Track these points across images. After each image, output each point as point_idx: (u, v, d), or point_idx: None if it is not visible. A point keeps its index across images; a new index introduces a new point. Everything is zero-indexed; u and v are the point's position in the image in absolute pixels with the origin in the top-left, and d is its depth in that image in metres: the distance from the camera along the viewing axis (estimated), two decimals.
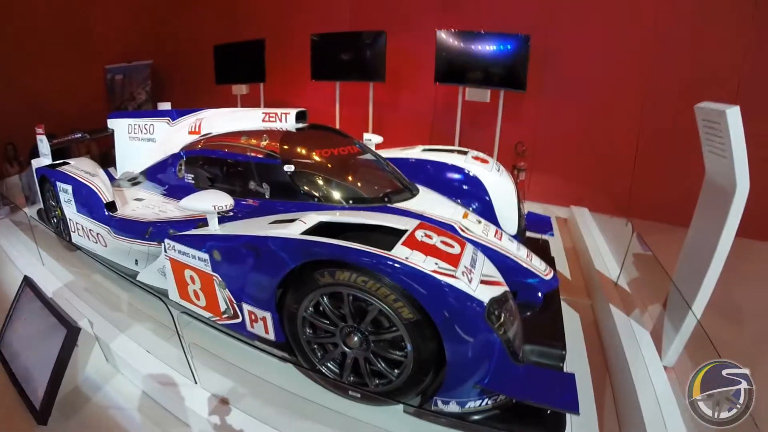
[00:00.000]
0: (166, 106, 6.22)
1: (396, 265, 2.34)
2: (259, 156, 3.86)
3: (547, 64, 6.45)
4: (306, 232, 2.77)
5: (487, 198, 4.07)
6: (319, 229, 2.85)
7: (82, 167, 5.02)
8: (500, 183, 4.16)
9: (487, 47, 6.21)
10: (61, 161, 5.45)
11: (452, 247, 2.61)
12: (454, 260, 2.46)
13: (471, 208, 3.96)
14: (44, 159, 5.88)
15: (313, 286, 2.65)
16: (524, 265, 3.34)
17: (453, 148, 4.63)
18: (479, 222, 3.62)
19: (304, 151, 3.85)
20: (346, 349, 2.76)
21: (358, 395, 2.77)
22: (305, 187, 3.62)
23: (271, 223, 3.05)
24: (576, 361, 3.28)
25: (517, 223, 4.05)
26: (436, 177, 4.24)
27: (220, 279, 3.05)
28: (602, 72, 6.30)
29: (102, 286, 4.50)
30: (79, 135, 6.33)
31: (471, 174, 4.18)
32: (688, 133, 3.57)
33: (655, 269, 3.57)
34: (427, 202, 3.73)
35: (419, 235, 2.66)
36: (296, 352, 2.95)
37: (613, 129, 6.39)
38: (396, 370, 2.62)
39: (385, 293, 2.41)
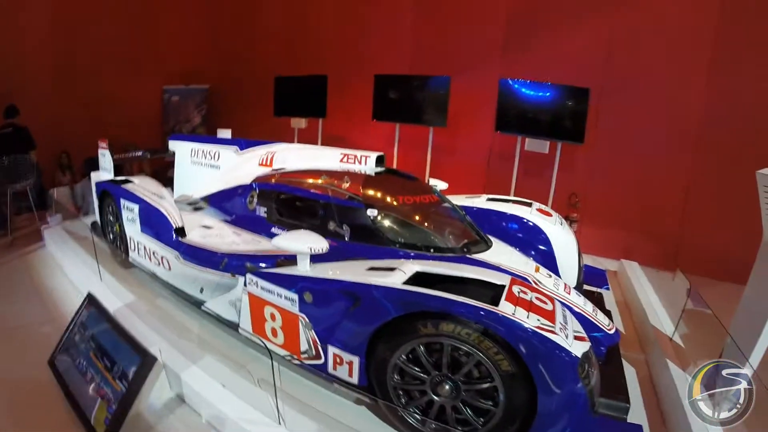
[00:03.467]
0: (226, 133, 6.28)
1: (506, 320, 2.41)
2: (342, 198, 3.90)
3: (600, 115, 6.47)
4: (406, 282, 2.81)
5: (551, 251, 4.11)
6: (416, 278, 2.89)
7: (148, 188, 5.08)
8: (563, 236, 4.21)
9: (547, 98, 6.24)
10: (123, 178, 5.52)
11: (545, 303, 2.71)
12: (550, 317, 2.56)
13: (530, 258, 4.00)
14: (104, 173, 5.95)
15: (413, 336, 2.67)
16: (591, 319, 3.38)
17: (517, 199, 4.68)
18: (549, 276, 3.67)
19: (386, 197, 3.88)
20: (433, 396, 2.76)
21: None
22: (387, 233, 3.66)
23: (368, 270, 3.07)
24: (633, 415, 3.23)
25: (577, 277, 4.08)
26: (501, 227, 4.29)
27: (307, 320, 3.06)
28: (655, 125, 6.30)
29: (164, 309, 4.51)
30: (140, 153, 6.42)
31: (536, 226, 4.23)
32: (740, 190, 3.64)
33: (710, 325, 3.57)
34: (502, 254, 3.76)
35: (516, 290, 2.76)
36: (378, 396, 2.93)
37: (664, 184, 6.38)
38: (482, 419, 2.64)
39: (487, 346, 2.46)
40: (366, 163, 4.33)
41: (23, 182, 6.79)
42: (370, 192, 3.90)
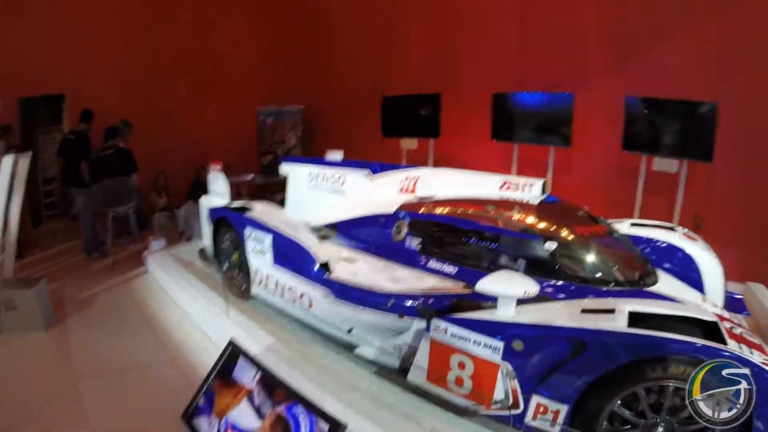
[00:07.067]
0: (336, 155, 5.97)
1: (749, 362, 2.28)
2: (515, 230, 3.69)
3: (728, 129, 6.06)
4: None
5: (699, 278, 3.87)
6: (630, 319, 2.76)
7: (276, 216, 4.88)
8: (710, 262, 3.94)
9: (675, 115, 5.92)
10: (241, 204, 5.33)
11: (752, 337, 2.67)
12: (765, 352, 2.50)
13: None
14: (216, 198, 5.76)
15: (638, 380, 2.54)
16: None
17: (662, 224, 4.43)
18: (715, 306, 3.45)
19: (563, 229, 3.68)
20: None
21: None
22: (566, 267, 3.46)
23: (583, 312, 2.89)
24: None
25: (723, 304, 3.81)
26: (651, 254, 4.03)
27: (510, 368, 2.84)
28: None
29: (306, 355, 4.04)
30: (250, 177, 6.27)
31: (686, 252, 3.98)
32: None
33: None
34: (671, 285, 3.57)
35: (727, 326, 2.71)
36: None
37: None
38: None
39: None
40: (530, 190, 4.07)
41: (126, 206, 6.69)
42: (545, 223, 3.69)
